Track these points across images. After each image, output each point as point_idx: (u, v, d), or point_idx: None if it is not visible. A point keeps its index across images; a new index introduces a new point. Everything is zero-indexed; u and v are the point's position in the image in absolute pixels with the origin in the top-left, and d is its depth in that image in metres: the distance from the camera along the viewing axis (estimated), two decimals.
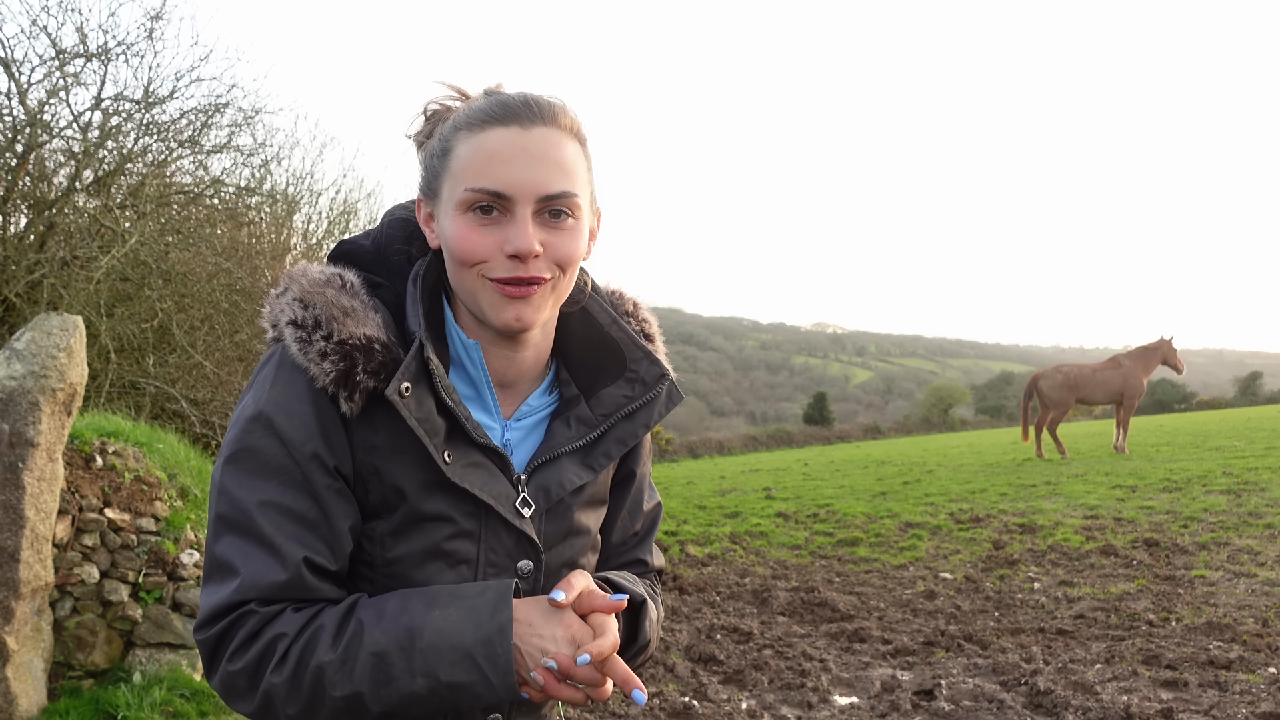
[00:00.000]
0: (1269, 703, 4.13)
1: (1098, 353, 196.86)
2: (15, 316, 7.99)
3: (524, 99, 1.11)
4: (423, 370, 1.10)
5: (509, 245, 1.07)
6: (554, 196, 1.09)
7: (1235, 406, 48.90)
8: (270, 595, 1.06)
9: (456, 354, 1.18)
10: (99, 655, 4.50)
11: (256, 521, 1.06)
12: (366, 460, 1.11)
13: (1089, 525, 8.93)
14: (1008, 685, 4.59)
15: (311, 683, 1.03)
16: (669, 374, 1.26)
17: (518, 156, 1.08)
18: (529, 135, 1.09)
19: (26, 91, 8.32)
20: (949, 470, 15.35)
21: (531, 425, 1.23)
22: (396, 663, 1.02)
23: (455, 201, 1.10)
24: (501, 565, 1.16)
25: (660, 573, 1.44)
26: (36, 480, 3.94)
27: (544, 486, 1.18)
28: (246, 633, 1.05)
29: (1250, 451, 13.94)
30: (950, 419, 53.93)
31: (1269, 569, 6.75)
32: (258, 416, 1.09)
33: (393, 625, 1.04)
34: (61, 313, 4.38)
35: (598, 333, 1.25)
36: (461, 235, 1.09)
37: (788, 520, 10.66)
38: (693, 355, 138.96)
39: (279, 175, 12.17)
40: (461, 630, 1.03)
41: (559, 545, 1.21)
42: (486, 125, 1.10)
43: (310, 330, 1.08)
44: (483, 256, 1.09)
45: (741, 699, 4.63)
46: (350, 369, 1.07)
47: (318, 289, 1.11)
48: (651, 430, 1.33)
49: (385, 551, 1.13)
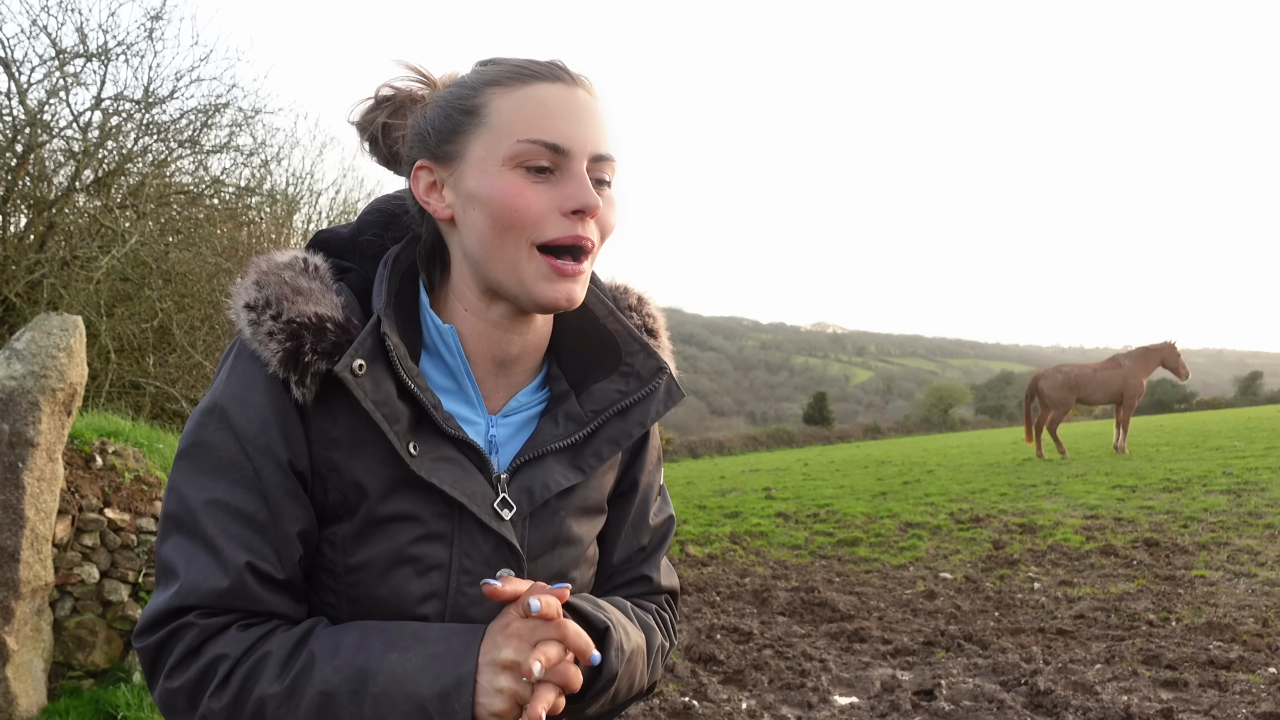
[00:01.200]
0: (1269, 703, 4.13)
1: (1097, 353, 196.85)
2: (15, 316, 7.99)
3: (557, 63, 1.05)
4: (379, 348, 1.01)
5: (571, 200, 0.99)
6: (604, 158, 1.03)
7: (1235, 406, 48.91)
8: (211, 603, 0.97)
9: (431, 340, 1.08)
10: (99, 655, 4.50)
11: (201, 521, 0.98)
12: (324, 455, 1.02)
13: (1089, 525, 8.93)
14: (1008, 685, 4.59)
15: (252, 715, 0.94)
16: (667, 367, 1.16)
17: (572, 111, 1.01)
18: (575, 94, 1.03)
19: (26, 91, 8.32)
20: (949, 470, 15.35)
21: (521, 422, 1.12)
22: (345, 706, 0.93)
23: (502, 157, 1.00)
24: (478, 574, 1.04)
25: (673, 594, 1.30)
26: (36, 480, 3.94)
27: (527, 487, 1.07)
28: (185, 646, 0.97)
29: (1250, 451, 13.94)
30: (950, 419, 53.95)
31: (1269, 569, 6.74)
32: (212, 409, 1.02)
33: (346, 664, 0.94)
34: (61, 313, 4.38)
35: (593, 325, 1.16)
36: (513, 192, 0.99)
37: (788, 520, 10.66)
38: (693, 355, 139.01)
39: (279, 175, 12.19)
40: (418, 680, 0.94)
41: (546, 555, 1.10)
42: (530, 80, 1.02)
43: (260, 311, 1.01)
44: (538, 215, 1.00)
45: (741, 699, 4.63)
46: (297, 348, 0.98)
47: (275, 271, 1.04)
48: (649, 429, 1.21)
49: (348, 557, 1.02)
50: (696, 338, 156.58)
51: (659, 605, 1.28)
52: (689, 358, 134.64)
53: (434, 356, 1.09)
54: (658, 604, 1.28)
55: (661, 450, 1.31)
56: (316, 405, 1.02)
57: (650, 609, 1.26)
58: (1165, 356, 16.11)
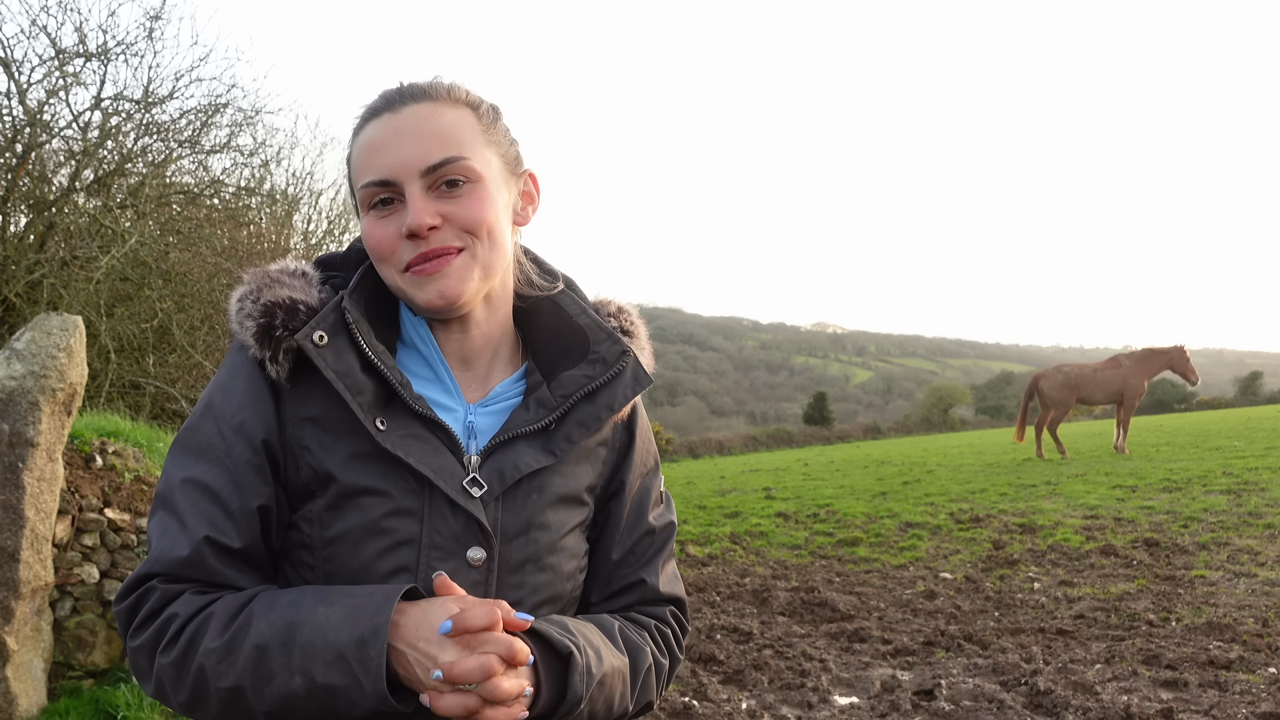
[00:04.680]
0: (1269, 703, 4.13)
1: (1097, 352, 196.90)
2: (15, 316, 7.99)
3: (397, 87, 1.14)
4: (340, 323, 1.09)
5: (403, 227, 1.08)
6: (437, 166, 1.08)
7: (1235, 406, 48.93)
8: (173, 571, 1.05)
9: (408, 335, 1.18)
10: (99, 655, 4.50)
11: (176, 497, 1.08)
12: (297, 433, 1.09)
13: (1089, 525, 8.93)
14: (1008, 685, 4.59)
15: (196, 670, 1.00)
16: (631, 351, 1.21)
17: (392, 140, 1.09)
18: (399, 116, 1.10)
19: (26, 91, 8.32)
20: (949, 470, 15.35)
21: (499, 411, 1.18)
22: (276, 658, 0.98)
23: (360, 204, 1.12)
24: (448, 549, 1.08)
25: (679, 604, 1.31)
26: (36, 480, 3.94)
27: (498, 468, 1.12)
28: (149, 609, 1.04)
29: (1250, 451, 13.94)
30: (950, 419, 53.96)
31: (1269, 569, 6.75)
32: (203, 399, 1.14)
33: (279, 618, 1.00)
34: (61, 313, 4.38)
35: (565, 322, 1.23)
36: (368, 232, 1.11)
37: (788, 520, 10.66)
38: (693, 355, 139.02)
39: (279, 175, 12.16)
40: (340, 629, 0.97)
41: (519, 539, 1.13)
42: (365, 122, 1.13)
43: (244, 299, 1.12)
44: (390, 247, 1.09)
45: (741, 699, 4.63)
46: (269, 324, 1.08)
47: (264, 270, 1.15)
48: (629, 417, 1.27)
49: (324, 530, 1.08)
50: (696, 338, 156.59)
51: (660, 620, 1.29)
52: (689, 358, 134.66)
53: (410, 350, 1.18)
54: (659, 618, 1.29)
55: (658, 455, 1.35)
56: (294, 388, 1.10)
57: (648, 625, 1.27)
58: (1174, 361, 15.82)
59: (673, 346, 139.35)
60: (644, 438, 1.30)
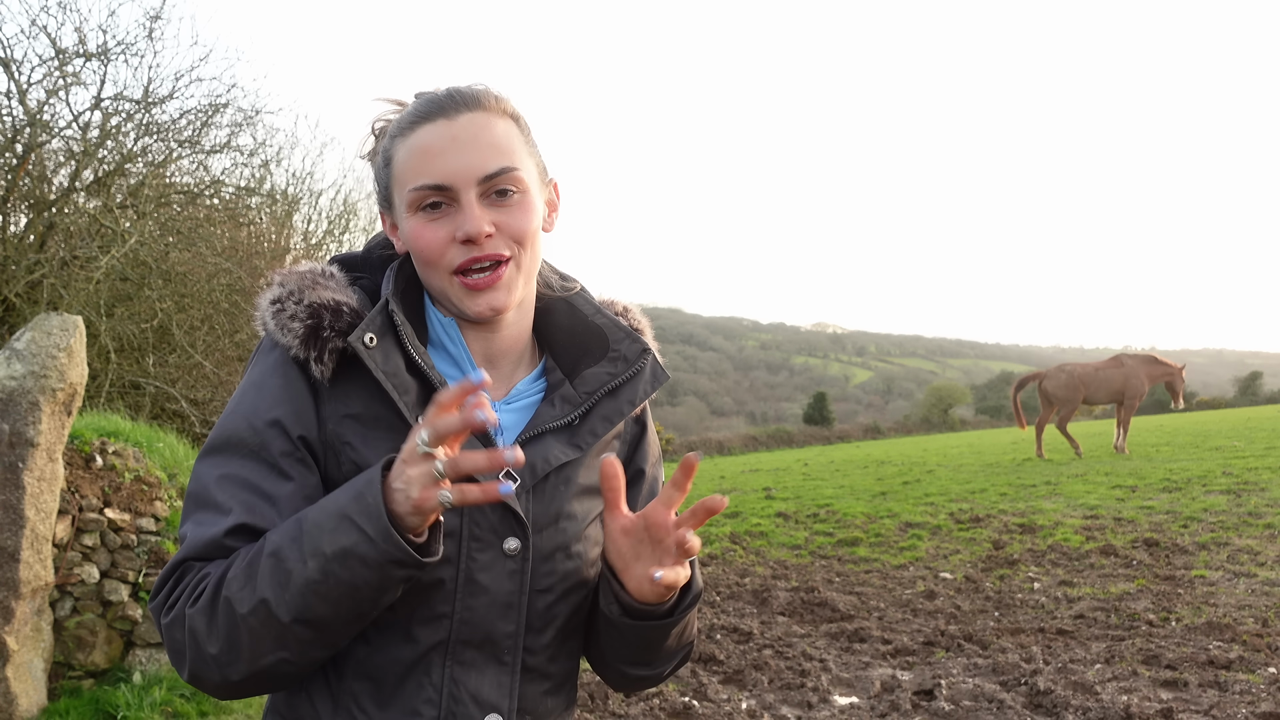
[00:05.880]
0: (1269, 703, 4.13)
1: (1097, 353, 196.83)
2: (15, 316, 7.99)
3: (447, 92, 1.16)
4: (388, 325, 1.13)
5: (460, 231, 1.11)
6: (494, 175, 1.12)
7: (1235, 406, 48.91)
8: (208, 554, 1.07)
9: (436, 335, 1.22)
10: (99, 655, 4.50)
11: (212, 492, 1.10)
12: (338, 430, 1.13)
13: (1089, 525, 8.94)
14: (1008, 685, 4.59)
15: (224, 606, 1.02)
16: (650, 349, 1.27)
17: (449, 147, 1.12)
18: (456, 124, 1.13)
19: (26, 91, 8.33)
20: (949, 470, 15.36)
21: (521, 408, 1.23)
22: (290, 555, 1.00)
23: (405, 205, 1.14)
24: (486, 540, 1.14)
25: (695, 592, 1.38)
26: (36, 480, 3.94)
27: (530, 463, 1.17)
28: (183, 585, 1.07)
29: (1250, 451, 13.95)
30: (950, 419, 53.97)
31: (1269, 569, 6.75)
32: (235, 401, 1.16)
33: (287, 525, 1.04)
34: (61, 313, 4.38)
35: (581, 322, 1.28)
36: (416, 234, 1.14)
37: (788, 520, 10.67)
38: (693, 355, 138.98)
39: (279, 175, 12.17)
40: (338, 499, 1.02)
41: (549, 528, 1.19)
42: (416, 125, 1.15)
43: (284, 300, 1.14)
44: (440, 250, 1.13)
45: (741, 699, 4.63)
46: (318, 325, 1.11)
47: (295, 273, 1.18)
48: (642, 412, 1.33)
49: None
50: (696, 338, 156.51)
51: None
52: (689, 358, 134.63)
53: (438, 349, 1.22)
54: None
55: (661, 451, 1.42)
56: (332, 387, 1.14)
57: None
58: (1173, 377, 16.21)
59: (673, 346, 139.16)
60: (652, 430, 1.38)
